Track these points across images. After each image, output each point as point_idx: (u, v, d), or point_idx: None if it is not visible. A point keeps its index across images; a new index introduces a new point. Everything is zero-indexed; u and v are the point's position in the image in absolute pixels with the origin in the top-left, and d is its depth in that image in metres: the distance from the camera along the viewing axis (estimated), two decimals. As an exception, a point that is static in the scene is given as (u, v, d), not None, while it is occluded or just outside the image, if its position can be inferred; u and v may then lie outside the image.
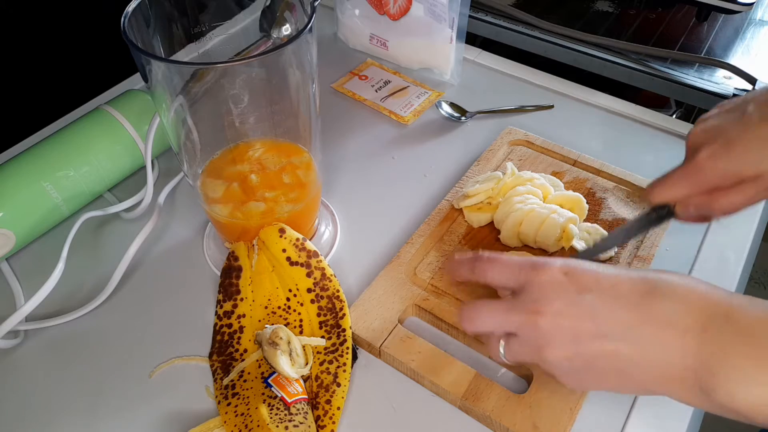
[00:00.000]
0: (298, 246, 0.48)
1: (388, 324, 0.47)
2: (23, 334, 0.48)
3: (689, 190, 0.41)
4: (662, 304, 0.34)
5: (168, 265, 0.53)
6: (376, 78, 0.73)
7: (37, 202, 0.52)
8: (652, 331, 0.34)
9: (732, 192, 0.40)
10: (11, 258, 0.54)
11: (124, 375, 0.46)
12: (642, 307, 0.34)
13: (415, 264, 0.51)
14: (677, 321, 0.33)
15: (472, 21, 0.78)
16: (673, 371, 0.33)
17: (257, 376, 0.44)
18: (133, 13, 0.41)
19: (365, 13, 0.73)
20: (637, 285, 0.35)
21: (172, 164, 0.62)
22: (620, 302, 0.35)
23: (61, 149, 0.54)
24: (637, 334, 0.34)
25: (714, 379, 0.32)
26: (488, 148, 0.62)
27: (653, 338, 0.34)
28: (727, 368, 0.31)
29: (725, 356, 0.32)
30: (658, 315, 0.34)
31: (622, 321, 0.35)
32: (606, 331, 0.35)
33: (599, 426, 0.42)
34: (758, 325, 0.32)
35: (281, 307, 0.47)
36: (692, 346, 0.33)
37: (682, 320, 0.33)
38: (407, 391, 0.45)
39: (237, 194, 0.49)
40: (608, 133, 0.65)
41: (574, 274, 0.37)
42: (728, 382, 0.31)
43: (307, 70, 0.44)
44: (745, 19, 0.80)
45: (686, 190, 0.41)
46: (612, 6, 0.83)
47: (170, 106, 0.44)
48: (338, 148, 0.64)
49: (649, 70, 0.71)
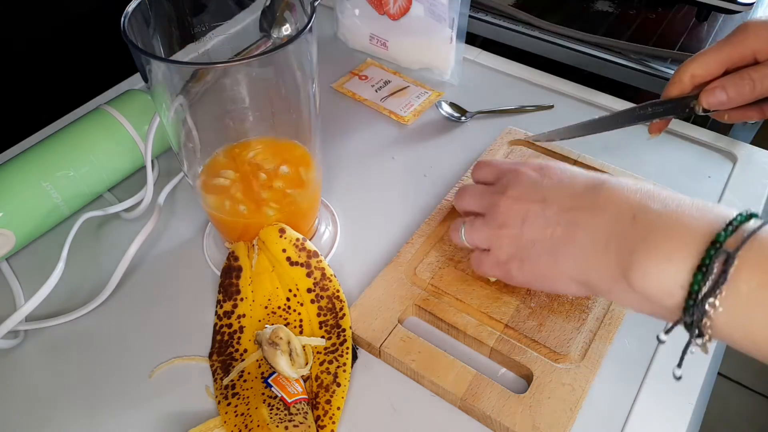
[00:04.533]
0: (298, 246, 0.48)
1: (388, 324, 0.47)
2: (23, 334, 0.48)
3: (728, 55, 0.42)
4: (601, 194, 0.37)
5: (168, 265, 0.53)
6: (376, 78, 0.73)
7: (37, 202, 0.52)
8: (586, 216, 0.37)
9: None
10: (11, 258, 0.54)
11: (124, 375, 0.46)
12: (584, 196, 0.37)
13: (415, 264, 0.51)
14: (609, 207, 0.36)
15: (472, 21, 0.78)
16: (597, 255, 0.35)
17: (257, 376, 0.44)
18: (133, 13, 0.41)
19: (365, 13, 0.73)
20: (589, 181, 0.38)
21: (172, 164, 0.62)
22: (568, 191, 0.39)
23: (61, 149, 0.54)
24: (573, 218, 0.37)
25: (631, 258, 0.33)
26: (488, 148, 0.62)
27: (585, 223, 0.36)
28: (645, 246, 0.32)
29: (647, 235, 0.33)
30: (595, 203, 0.37)
31: (563, 205, 0.38)
32: (548, 214, 0.39)
33: (599, 426, 0.43)
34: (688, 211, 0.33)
35: (281, 307, 0.47)
36: (620, 230, 0.34)
37: (613, 207, 0.35)
38: (407, 391, 0.45)
39: (237, 194, 0.49)
40: (608, 133, 0.65)
41: (546, 168, 0.41)
42: (644, 259, 0.32)
43: (307, 70, 0.44)
44: (745, 19, 0.80)
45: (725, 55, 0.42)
46: (612, 6, 0.83)
47: (170, 106, 0.44)
48: (338, 148, 0.64)
49: (649, 70, 0.71)
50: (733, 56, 0.42)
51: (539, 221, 0.39)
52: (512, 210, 0.40)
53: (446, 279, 0.50)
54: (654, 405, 0.44)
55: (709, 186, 0.59)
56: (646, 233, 0.33)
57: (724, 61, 0.42)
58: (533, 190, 0.40)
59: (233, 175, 0.49)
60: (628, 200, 0.35)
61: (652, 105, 0.45)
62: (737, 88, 0.41)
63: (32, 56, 0.70)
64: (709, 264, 0.30)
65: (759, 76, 0.40)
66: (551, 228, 0.38)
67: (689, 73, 0.43)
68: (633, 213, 0.34)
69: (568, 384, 0.43)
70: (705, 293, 0.30)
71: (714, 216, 0.32)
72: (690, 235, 0.31)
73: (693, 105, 0.43)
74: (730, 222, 0.31)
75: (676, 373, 0.33)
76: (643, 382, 0.45)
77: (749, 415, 1.33)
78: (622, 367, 0.45)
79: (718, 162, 0.62)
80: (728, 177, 0.60)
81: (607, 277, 0.35)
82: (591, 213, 0.36)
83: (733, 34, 0.42)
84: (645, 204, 0.34)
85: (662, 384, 0.44)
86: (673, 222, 0.32)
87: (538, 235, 0.39)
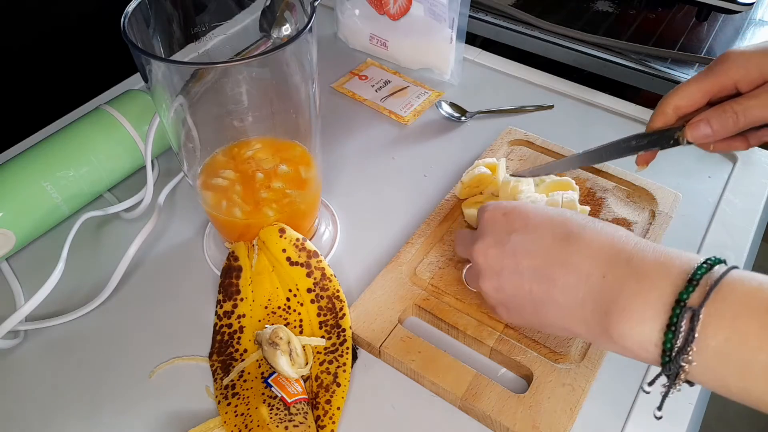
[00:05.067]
0: (298, 246, 0.48)
1: (388, 324, 0.47)
2: (23, 334, 0.48)
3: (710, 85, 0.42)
4: (571, 249, 0.37)
5: (168, 265, 0.53)
6: (376, 78, 0.73)
7: (37, 202, 0.52)
8: (560, 273, 0.37)
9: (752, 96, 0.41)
10: (11, 258, 0.54)
11: (124, 375, 0.46)
12: (555, 250, 0.37)
13: (415, 264, 0.51)
14: (581, 265, 0.36)
15: (472, 21, 0.78)
16: (575, 313, 0.36)
17: (257, 376, 0.44)
18: (133, 13, 0.41)
19: (365, 13, 0.73)
20: (557, 229, 0.38)
21: (172, 164, 0.62)
22: (538, 245, 0.38)
23: (61, 149, 0.54)
24: (548, 275, 0.37)
25: (607, 319, 0.34)
26: (488, 148, 0.62)
27: (560, 281, 0.36)
28: (618, 308, 0.33)
29: (619, 297, 0.33)
30: (567, 259, 0.37)
31: (535, 263, 0.38)
32: (522, 270, 0.38)
33: (599, 426, 0.42)
34: (653, 267, 0.33)
35: (281, 307, 0.47)
36: (593, 290, 0.35)
37: (585, 265, 0.36)
38: (407, 391, 0.45)
39: (237, 194, 0.49)
40: (608, 133, 0.65)
41: (510, 215, 0.41)
42: (619, 321, 0.33)
43: (307, 70, 0.44)
44: (745, 19, 0.80)
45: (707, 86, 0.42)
46: (612, 6, 0.83)
47: (170, 106, 0.44)
48: (338, 148, 0.64)
49: (649, 70, 0.71)
50: (716, 87, 0.42)
51: (514, 277, 0.39)
52: (485, 262, 0.40)
53: (446, 279, 0.50)
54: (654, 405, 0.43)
55: (709, 186, 0.59)
56: (617, 294, 0.33)
57: (707, 91, 0.43)
58: (501, 241, 0.40)
59: (233, 175, 0.49)
60: (598, 257, 0.35)
61: (637, 138, 0.46)
62: (721, 121, 0.42)
63: (32, 56, 0.70)
64: (677, 322, 0.31)
65: (741, 109, 0.41)
66: (527, 284, 0.38)
67: (673, 104, 0.44)
68: (603, 272, 0.35)
69: (568, 384, 0.43)
70: (677, 350, 0.31)
71: (677, 270, 0.32)
72: (656, 295, 0.32)
73: (678, 137, 0.44)
74: (692, 277, 0.31)
75: (657, 414, 0.34)
76: (643, 382, 0.45)
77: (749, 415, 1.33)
78: (622, 367, 0.45)
79: (718, 162, 0.62)
80: (728, 177, 0.60)
81: (589, 333, 0.36)
82: (563, 270, 0.36)
83: (715, 64, 0.42)
84: (613, 260, 0.35)
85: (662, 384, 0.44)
86: (641, 280, 0.33)
87: (517, 291, 0.39)
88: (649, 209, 0.55)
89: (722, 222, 0.56)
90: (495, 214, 0.41)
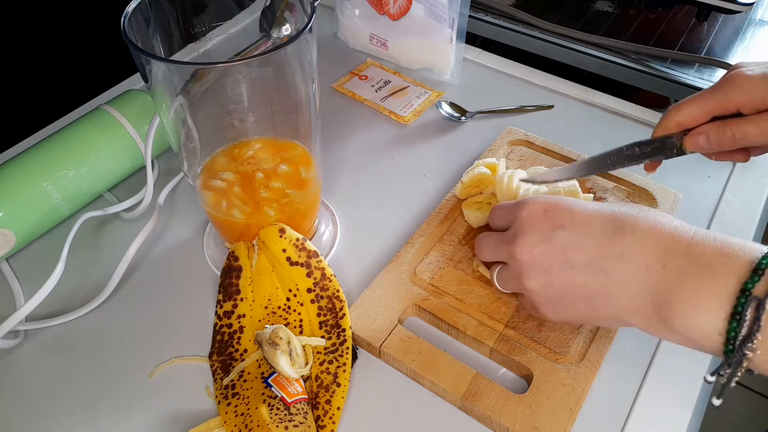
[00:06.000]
0: (298, 246, 0.48)
1: (388, 324, 0.47)
2: (23, 334, 0.48)
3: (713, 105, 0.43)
4: (626, 240, 0.37)
5: (168, 265, 0.53)
6: (376, 78, 0.73)
7: (37, 202, 0.52)
8: (616, 265, 0.37)
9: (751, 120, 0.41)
10: (11, 258, 0.54)
11: (124, 375, 0.46)
12: (608, 243, 0.37)
13: (415, 264, 0.51)
14: (638, 256, 0.36)
15: (472, 21, 0.78)
16: (635, 303, 0.36)
17: (257, 376, 0.44)
18: (133, 13, 0.41)
19: (365, 13, 0.73)
20: (606, 222, 0.38)
21: (172, 164, 0.62)
22: (589, 238, 0.38)
23: (61, 149, 0.54)
24: (603, 267, 0.37)
25: (669, 309, 0.34)
26: (488, 148, 0.62)
27: (616, 272, 0.37)
28: (680, 298, 0.33)
29: (680, 286, 0.34)
30: (622, 251, 0.37)
31: (590, 255, 0.38)
32: (574, 264, 0.38)
33: (599, 426, 0.42)
34: (714, 256, 0.33)
35: (281, 307, 0.47)
36: (652, 280, 0.35)
37: (642, 256, 0.36)
38: (407, 391, 0.45)
39: (237, 194, 0.49)
40: (608, 133, 0.65)
41: (552, 211, 0.40)
42: (682, 310, 0.33)
43: (307, 70, 0.44)
44: (745, 19, 0.80)
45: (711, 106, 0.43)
46: (612, 6, 0.83)
47: (170, 106, 0.44)
48: (338, 148, 0.64)
49: (649, 70, 0.71)
50: (719, 108, 0.43)
51: (566, 272, 0.38)
52: (530, 260, 0.40)
53: (446, 279, 0.50)
54: (654, 405, 0.44)
55: (709, 186, 0.59)
56: (679, 284, 0.34)
57: (710, 111, 0.43)
58: (546, 238, 0.39)
59: (233, 176, 0.49)
60: (655, 247, 0.35)
61: (639, 145, 0.47)
62: (719, 138, 0.43)
63: (32, 56, 0.70)
64: (742, 311, 0.31)
65: (740, 132, 0.42)
66: (581, 278, 0.38)
67: (675, 120, 0.45)
68: (662, 262, 0.35)
69: (568, 384, 0.43)
70: (742, 340, 0.31)
71: (742, 260, 0.32)
72: (720, 284, 0.32)
73: (679, 145, 0.45)
74: (757, 266, 0.31)
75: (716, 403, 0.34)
76: (643, 382, 0.45)
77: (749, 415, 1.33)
78: (622, 367, 0.45)
79: (719, 162, 0.62)
80: (728, 177, 0.60)
81: (648, 323, 0.36)
82: (620, 261, 0.36)
83: (720, 85, 0.43)
84: (672, 249, 0.35)
85: (662, 384, 0.44)
86: (703, 270, 0.33)
87: (569, 287, 0.39)
88: (649, 209, 0.55)
89: (722, 222, 0.56)
90: (534, 210, 0.41)
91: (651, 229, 0.36)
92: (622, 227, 0.37)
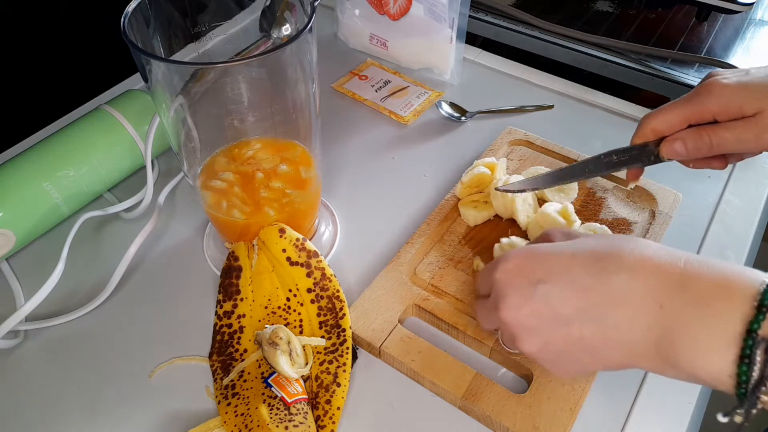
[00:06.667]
0: (298, 246, 0.48)
1: (388, 324, 0.47)
2: (23, 334, 0.48)
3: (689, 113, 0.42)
4: (613, 279, 0.34)
5: (168, 265, 0.53)
6: (376, 78, 0.73)
7: (37, 202, 0.52)
8: (609, 311, 0.34)
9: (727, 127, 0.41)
10: (11, 258, 0.54)
11: (124, 375, 0.46)
12: (595, 286, 0.34)
13: (415, 264, 0.51)
14: (631, 296, 0.33)
15: (472, 21, 0.78)
16: (637, 348, 0.33)
17: (257, 376, 0.44)
18: (133, 13, 0.41)
19: (365, 13, 0.73)
20: (588, 263, 0.35)
21: (172, 164, 0.62)
22: (573, 286, 0.35)
23: (61, 149, 0.54)
24: (596, 315, 0.34)
25: (675, 352, 0.32)
26: (488, 148, 0.62)
27: (611, 318, 0.34)
28: (685, 340, 0.31)
29: (683, 328, 0.31)
30: (612, 292, 0.34)
31: (578, 306, 0.34)
32: (565, 317, 0.35)
33: (599, 426, 0.42)
34: (712, 291, 0.31)
35: (281, 307, 0.47)
36: (651, 322, 0.32)
37: (635, 295, 0.33)
38: (407, 391, 0.45)
39: (237, 194, 0.49)
40: (608, 133, 0.65)
41: (526, 266, 0.37)
42: (689, 353, 0.31)
43: (307, 70, 0.44)
44: (745, 19, 0.80)
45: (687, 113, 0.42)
46: (612, 6, 0.83)
47: (170, 106, 0.44)
48: (338, 148, 0.64)
49: (649, 70, 0.71)
50: (695, 116, 0.43)
51: (558, 329, 0.35)
52: (518, 324, 0.37)
53: (446, 279, 0.50)
54: (654, 405, 0.44)
55: (709, 186, 0.59)
56: (680, 325, 0.31)
57: (686, 118, 0.43)
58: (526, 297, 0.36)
59: (233, 176, 0.49)
60: (647, 284, 0.33)
61: (617, 153, 0.47)
62: (695, 144, 0.42)
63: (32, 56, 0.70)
64: (751, 355, 0.29)
65: (716, 139, 0.42)
66: (576, 332, 0.35)
67: (651, 126, 0.45)
68: (658, 301, 0.32)
69: (568, 384, 0.43)
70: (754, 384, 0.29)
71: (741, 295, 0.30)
72: (723, 323, 0.30)
73: (657, 152, 0.45)
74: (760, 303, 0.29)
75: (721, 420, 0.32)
76: (643, 382, 0.45)
77: (749, 415, 1.33)
78: (622, 367, 0.45)
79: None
80: (728, 177, 0.60)
81: (656, 366, 0.34)
82: (612, 305, 0.34)
83: (695, 93, 0.43)
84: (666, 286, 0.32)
85: (662, 384, 0.44)
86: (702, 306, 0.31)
87: (566, 343, 0.35)
88: (649, 209, 0.55)
89: (722, 222, 0.56)
90: (507, 270, 0.37)
91: (637, 263, 0.33)
92: (606, 266, 0.34)
